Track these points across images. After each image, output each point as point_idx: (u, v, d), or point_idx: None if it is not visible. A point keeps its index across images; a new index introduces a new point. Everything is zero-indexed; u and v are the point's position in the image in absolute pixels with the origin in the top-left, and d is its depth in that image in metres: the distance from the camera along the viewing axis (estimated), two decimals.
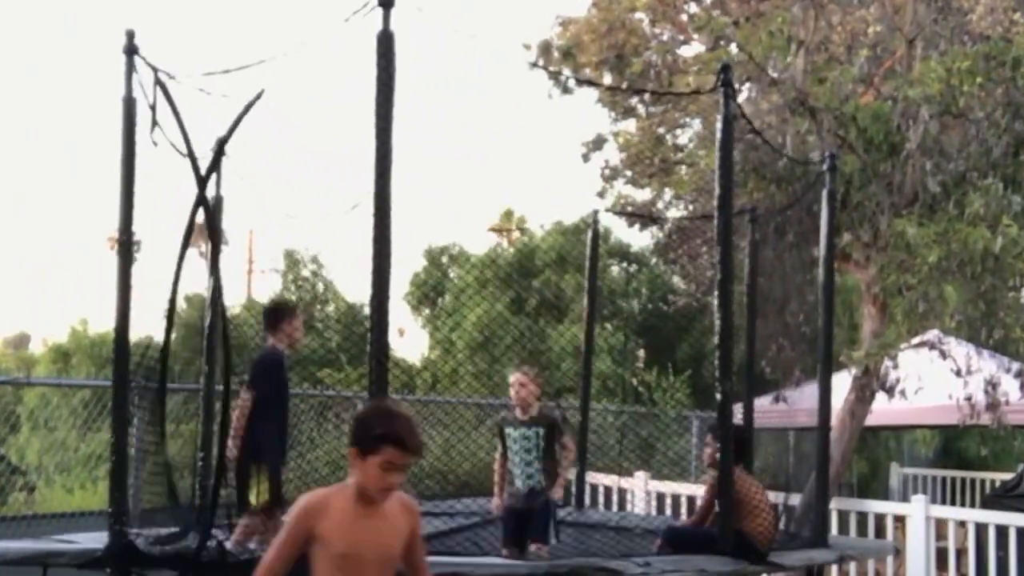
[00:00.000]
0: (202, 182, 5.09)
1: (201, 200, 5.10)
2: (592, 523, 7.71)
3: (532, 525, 5.89)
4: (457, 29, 5.27)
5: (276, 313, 5.78)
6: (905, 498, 12.18)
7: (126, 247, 5.22)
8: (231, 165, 5.71)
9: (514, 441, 6.14)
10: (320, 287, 18.72)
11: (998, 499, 9.96)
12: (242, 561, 4.94)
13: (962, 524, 8.63)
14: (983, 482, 14.54)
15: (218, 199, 6.50)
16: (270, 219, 6.47)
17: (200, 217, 5.26)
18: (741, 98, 9.23)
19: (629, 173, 19.97)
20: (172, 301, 5.17)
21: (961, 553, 8.61)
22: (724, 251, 5.68)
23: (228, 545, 5.26)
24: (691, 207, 16.75)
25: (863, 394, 8.87)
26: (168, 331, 5.24)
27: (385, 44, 4.70)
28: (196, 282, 6.47)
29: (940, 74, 8.20)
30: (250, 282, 26.93)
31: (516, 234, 21.35)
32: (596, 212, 9.51)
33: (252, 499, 5.34)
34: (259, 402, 5.42)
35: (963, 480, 15.01)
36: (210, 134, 5.34)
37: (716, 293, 5.70)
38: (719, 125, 5.75)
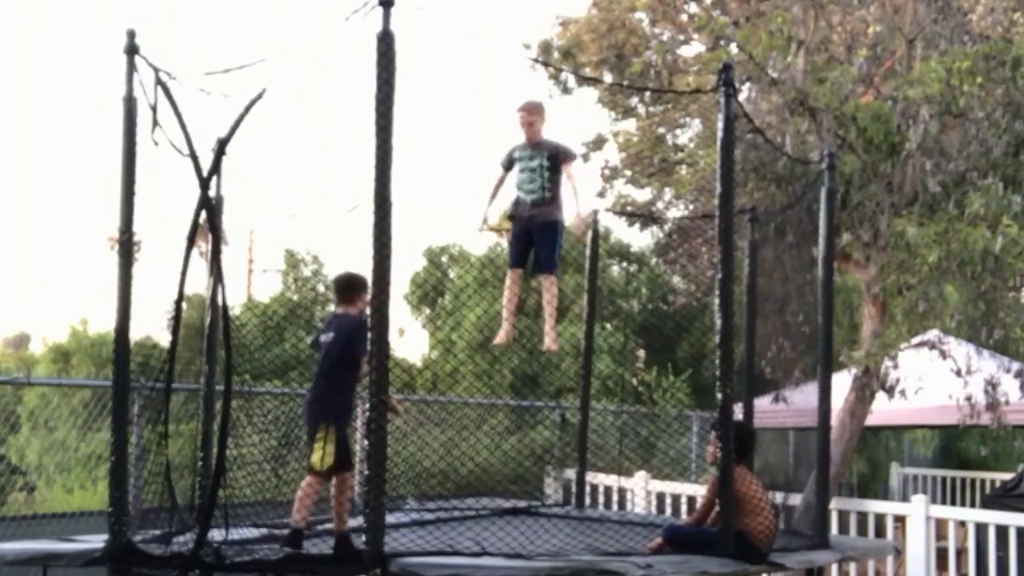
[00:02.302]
0: (204, 182, 5.09)
1: (204, 200, 5.10)
2: (592, 523, 7.72)
3: (539, 248, 6.42)
4: (457, 29, 5.28)
5: (352, 285, 5.92)
6: (905, 498, 12.19)
7: (126, 247, 5.21)
8: (232, 165, 5.70)
9: (520, 161, 6.55)
10: (320, 287, 18.70)
11: (998, 499, 9.96)
12: (242, 561, 4.95)
13: (962, 524, 8.64)
14: (983, 482, 14.54)
15: (219, 199, 6.50)
16: (270, 219, 6.47)
17: (202, 218, 5.26)
18: (741, 98, 9.22)
19: (629, 173, 19.97)
20: (178, 302, 5.18)
21: (961, 553, 8.61)
22: (725, 251, 5.68)
23: (296, 518, 5.36)
24: (691, 207, 16.74)
25: (863, 394, 8.87)
26: (175, 331, 5.24)
27: (385, 44, 4.70)
28: (196, 282, 6.47)
29: (940, 74, 8.20)
30: (250, 282, 26.94)
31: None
32: (596, 212, 9.51)
33: (316, 460, 5.45)
34: (344, 364, 5.56)
35: (963, 480, 15.02)
36: (211, 134, 5.34)
37: (716, 293, 5.70)
38: (720, 125, 5.74)
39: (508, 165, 6.73)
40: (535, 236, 6.62)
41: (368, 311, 5.64)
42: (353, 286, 5.89)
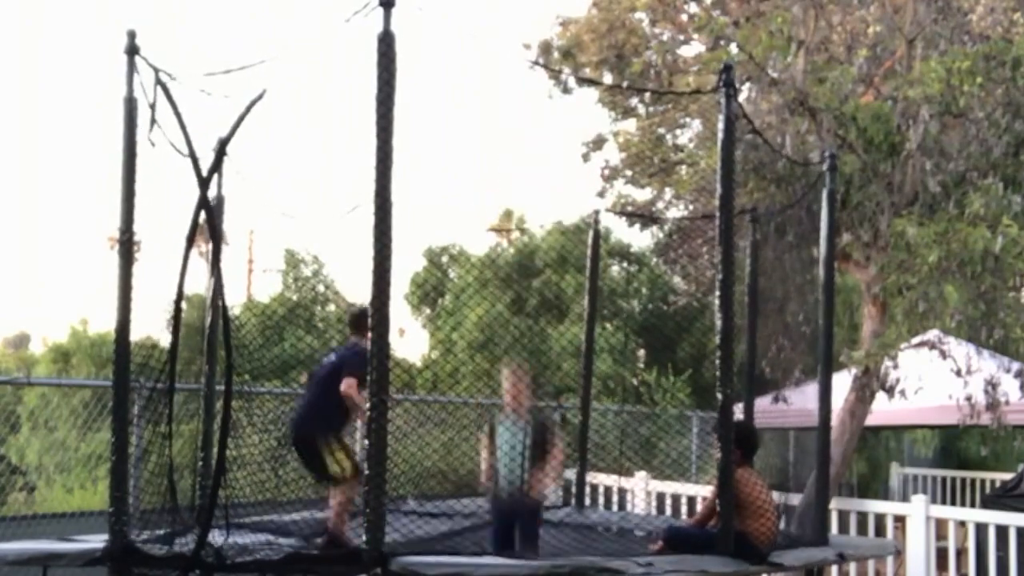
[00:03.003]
0: (204, 182, 5.09)
1: (203, 200, 5.10)
2: (592, 523, 7.72)
3: (521, 536, 5.94)
4: (457, 29, 5.28)
5: (363, 318, 5.97)
6: (905, 498, 12.19)
7: (126, 247, 5.21)
8: (232, 165, 5.71)
9: (501, 436, 6.23)
10: (320, 287, 18.71)
11: (998, 499, 9.96)
12: (242, 562, 4.96)
13: (962, 524, 8.63)
14: (983, 482, 14.54)
15: (219, 199, 6.50)
16: (270, 219, 6.47)
17: (202, 217, 5.26)
18: (741, 98, 9.22)
19: (629, 173, 19.99)
20: (178, 302, 5.18)
21: (961, 553, 8.61)
22: (725, 251, 5.68)
23: (328, 525, 5.56)
24: (691, 207, 16.75)
25: (863, 394, 8.87)
26: (175, 331, 5.25)
27: (385, 44, 4.70)
28: (197, 282, 6.48)
29: (940, 74, 8.21)
30: (250, 282, 26.94)
31: (516, 234, 21.34)
32: (596, 212, 9.51)
33: (336, 471, 5.68)
34: (337, 385, 5.74)
35: (963, 480, 15.01)
36: (211, 134, 5.35)
37: (717, 293, 5.70)
38: (721, 125, 5.74)
39: (491, 431, 6.43)
40: (516, 520, 6.26)
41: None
42: (363, 318, 5.93)
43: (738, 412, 6.73)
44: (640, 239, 20.43)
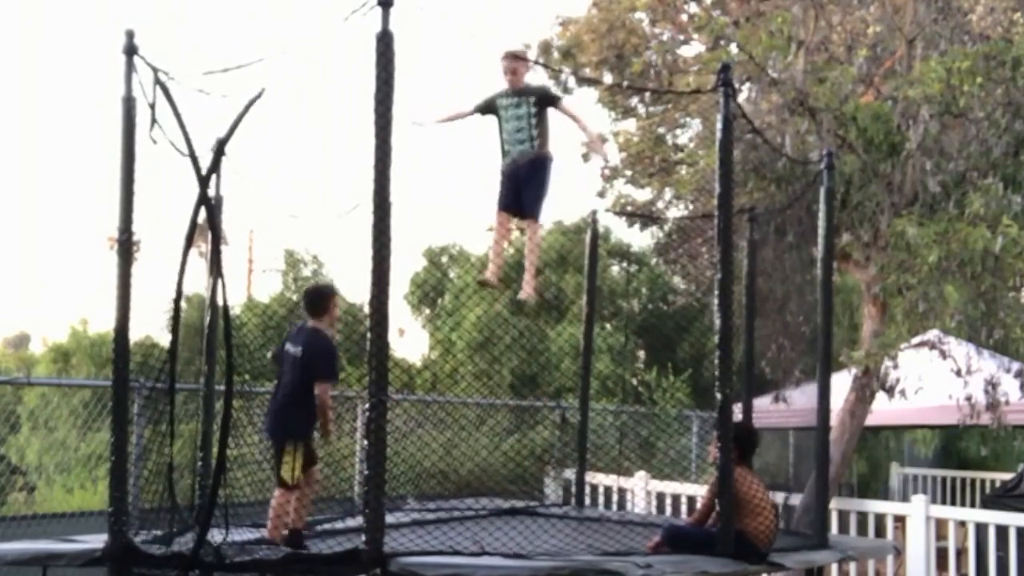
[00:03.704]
0: (203, 182, 5.09)
1: (203, 200, 5.10)
2: (592, 523, 7.71)
3: (526, 193, 6.21)
4: (457, 29, 5.28)
5: (319, 296, 6.15)
6: (905, 498, 12.19)
7: (126, 247, 5.21)
8: (231, 165, 5.71)
9: (505, 110, 6.36)
10: None
11: (998, 499, 9.96)
12: (242, 562, 4.95)
13: (962, 524, 8.63)
14: (983, 482, 14.54)
15: (218, 199, 6.50)
16: (270, 219, 6.48)
17: (201, 217, 5.26)
18: (741, 98, 9.22)
19: (629, 173, 19.97)
20: (177, 301, 5.18)
21: (961, 553, 8.61)
22: (724, 251, 5.68)
23: (265, 532, 5.66)
24: (691, 207, 16.75)
25: (863, 394, 8.87)
26: (175, 331, 5.25)
27: (384, 43, 4.69)
28: (196, 282, 6.48)
29: (940, 74, 8.20)
30: (250, 282, 26.93)
31: (516, 234, 21.32)
32: (596, 212, 9.51)
33: (287, 475, 5.71)
34: (308, 381, 5.77)
35: (963, 480, 15.01)
36: (210, 134, 5.34)
37: (716, 293, 5.70)
38: (719, 125, 5.74)
39: (485, 110, 6.57)
40: (522, 176, 6.46)
41: (337, 320, 5.86)
42: (323, 298, 6.10)
43: (737, 412, 6.73)
44: (640, 239, 20.43)
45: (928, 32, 9.34)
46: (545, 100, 6.51)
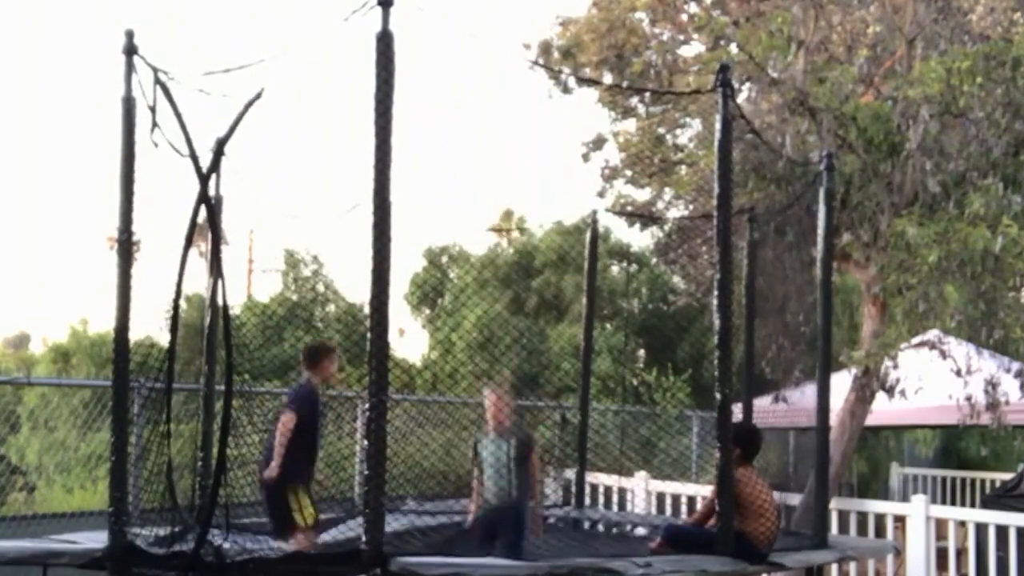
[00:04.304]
0: (203, 181, 5.09)
1: (204, 199, 5.10)
2: (592, 523, 7.71)
3: (501, 543, 5.98)
4: (457, 29, 5.28)
5: (315, 352, 6.37)
6: (905, 498, 12.18)
7: (126, 247, 5.21)
8: (231, 165, 5.71)
9: (486, 450, 6.24)
10: (320, 287, 18.71)
11: (998, 499, 9.95)
12: (242, 561, 4.95)
13: (962, 524, 8.63)
14: (983, 482, 14.54)
15: (218, 199, 6.50)
16: (270, 219, 6.49)
17: (201, 217, 5.26)
18: (741, 98, 9.24)
19: (629, 173, 19.96)
20: (176, 301, 5.18)
21: (961, 553, 8.61)
22: (724, 251, 5.68)
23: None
24: (691, 207, 16.74)
25: (863, 394, 8.87)
26: (174, 330, 5.25)
27: (384, 43, 4.69)
28: (197, 282, 6.49)
29: (940, 74, 8.20)
30: (250, 282, 26.94)
31: (516, 234, 21.35)
32: (596, 212, 9.51)
33: (301, 521, 5.86)
34: (295, 429, 5.92)
35: (963, 480, 15.01)
36: (210, 134, 5.34)
37: (716, 293, 5.70)
38: (718, 125, 5.75)
39: (474, 450, 6.53)
40: (497, 527, 6.30)
41: (332, 377, 5.92)
42: (314, 353, 6.32)
43: (737, 412, 6.73)
44: (640, 239, 20.44)
45: (928, 32, 9.34)
46: (522, 446, 6.42)
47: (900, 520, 8.70)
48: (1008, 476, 11.99)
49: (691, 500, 9.98)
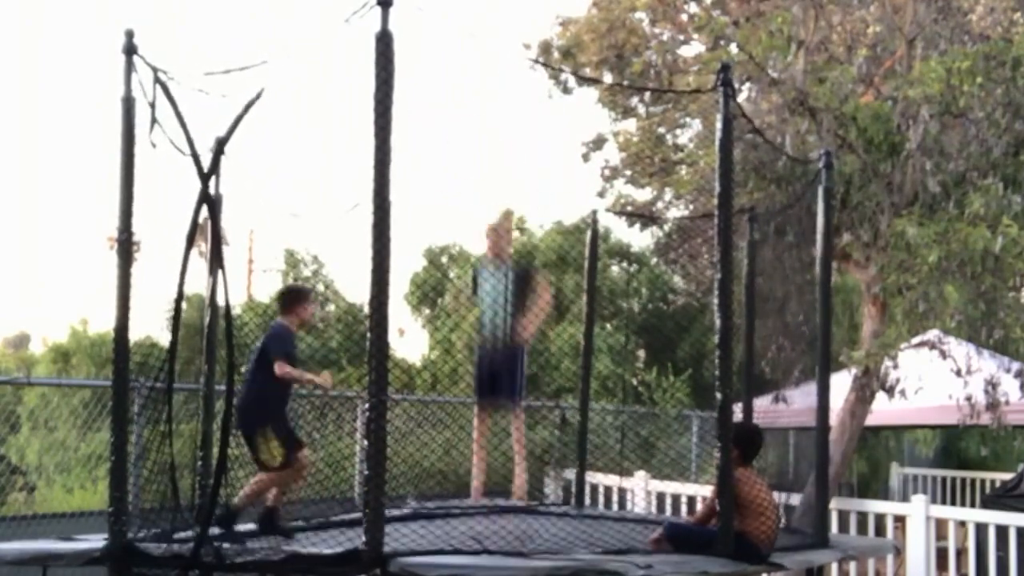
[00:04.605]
0: (204, 181, 5.09)
1: (205, 198, 5.10)
2: (592, 522, 7.70)
3: (506, 380, 6.21)
4: (457, 29, 5.28)
5: (291, 295, 6.38)
6: (905, 498, 12.18)
7: (126, 247, 5.21)
8: (231, 165, 5.71)
9: (483, 286, 6.36)
10: (320, 287, 18.70)
11: (998, 499, 9.96)
12: (242, 562, 4.95)
13: (962, 524, 8.63)
14: (983, 482, 14.55)
15: (218, 199, 6.50)
16: (270, 219, 6.50)
17: (202, 217, 5.26)
18: (741, 98, 9.23)
19: (629, 173, 19.98)
20: (178, 301, 5.18)
21: (961, 553, 8.61)
22: (724, 251, 5.68)
23: (236, 500, 5.73)
24: (691, 207, 16.75)
25: (863, 394, 8.87)
26: (175, 330, 5.25)
27: (384, 44, 4.69)
28: (197, 282, 6.49)
29: (940, 74, 8.20)
30: (250, 282, 26.92)
31: (516, 234, 21.34)
32: (596, 212, 9.50)
33: (266, 460, 5.87)
34: (264, 366, 5.90)
35: (963, 480, 15.02)
36: (210, 134, 5.34)
37: (716, 293, 5.70)
38: (719, 125, 5.74)
39: (474, 280, 6.55)
40: (498, 365, 6.42)
41: (307, 323, 5.94)
42: (290, 295, 6.34)
43: (737, 412, 6.73)
44: (640, 239, 20.41)
45: (928, 32, 9.34)
46: (522, 277, 6.46)
47: (900, 520, 8.70)
48: (1008, 476, 12.00)
49: (691, 500, 9.98)
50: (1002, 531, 8.03)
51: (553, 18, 19.84)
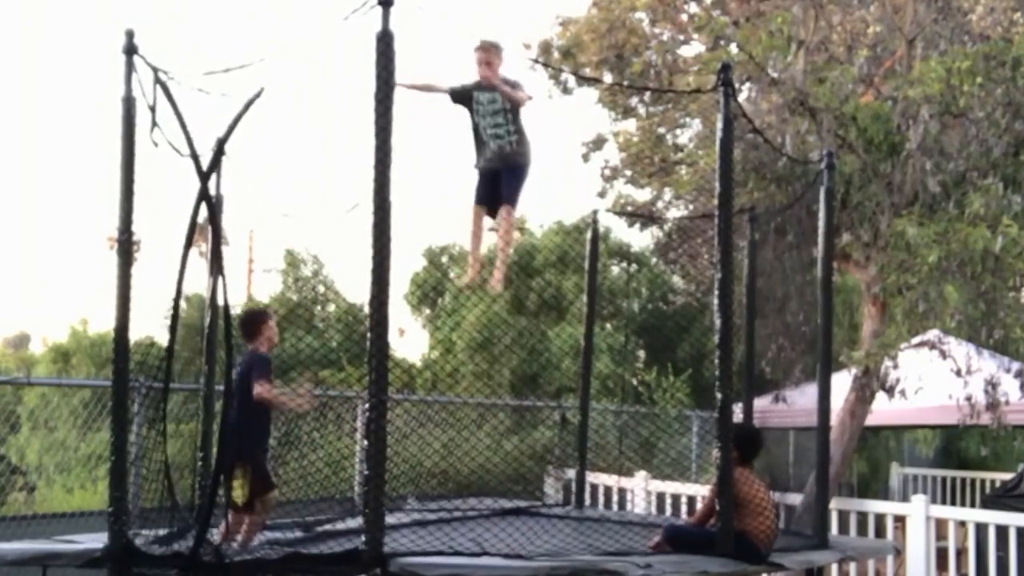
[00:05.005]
0: (204, 181, 5.09)
1: (204, 198, 5.10)
2: (592, 523, 7.71)
3: (504, 184, 6.25)
4: (457, 29, 5.28)
5: (250, 320, 6.13)
6: (905, 498, 12.18)
7: (126, 247, 5.21)
8: (231, 164, 5.71)
9: (481, 105, 6.37)
10: (320, 287, 18.70)
11: (998, 499, 9.95)
12: (242, 561, 4.95)
13: (962, 524, 8.63)
14: (983, 482, 14.54)
15: (218, 199, 6.50)
16: (270, 219, 6.48)
17: (201, 216, 5.26)
18: (741, 98, 9.22)
19: (629, 173, 19.97)
20: (176, 301, 5.18)
21: (961, 553, 8.61)
22: (724, 251, 5.68)
23: (235, 545, 5.49)
24: (691, 207, 16.74)
25: (863, 394, 8.87)
26: (173, 330, 5.25)
27: (384, 43, 4.69)
28: (197, 282, 6.49)
29: (940, 74, 8.20)
30: (250, 282, 26.93)
31: (516, 234, 21.32)
32: (596, 212, 9.50)
33: (237, 497, 5.61)
34: (248, 397, 5.66)
35: (963, 480, 15.01)
36: (210, 134, 5.34)
37: (716, 293, 5.70)
38: (719, 125, 5.74)
39: (459, 98, 6.52)
40: (503, 175, 6.49)
41: (275, 343, 5.90)
42: (252, 321, 6.10)
43: (737, 412, 6.73)
44: (640, 239, 20.42)
45: (928, 32, 9.34)
46: (515, 91, 6.47)
47: (900, 520, 8.70)
48: (1008, 476, 11.99)
49: (691, 500, 9.98)
50: (1002, 531, 8.03)
51: (553, 18, 19.84)
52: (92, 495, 11.51)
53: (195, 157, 5.04)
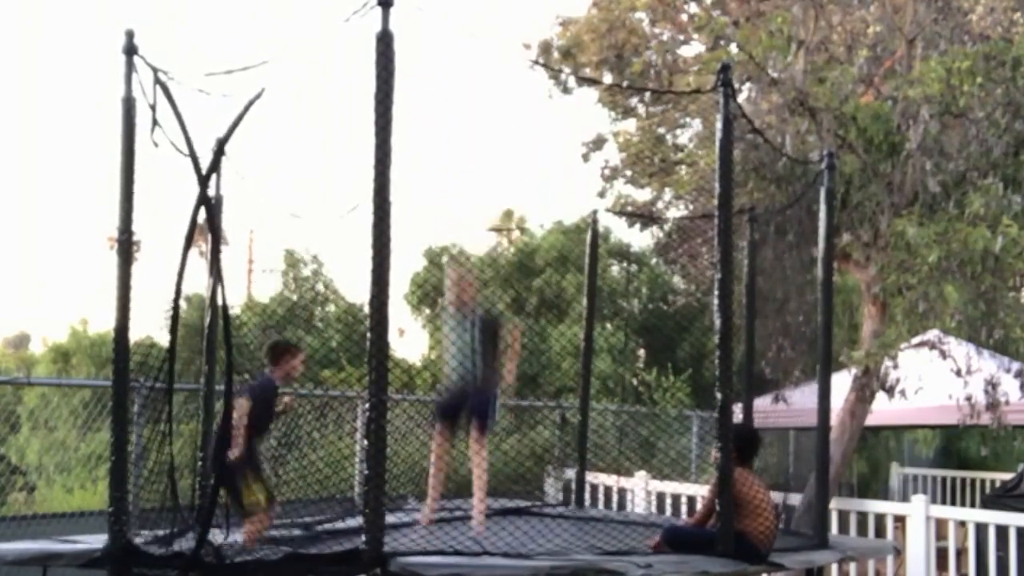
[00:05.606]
0: (203, 181, 5.09)
1: (203, 198, 5.10)
2: (592, 523, 7.71)
3: (473, 412, 6.03)
4: (457, 29, 5.28)
5: (278, 349, 6.33)
6: (905, 498, 12.18)
7: (126, 247, 5.21)
8: (231, 165, 5.71)
9: (448, 335, 6.17)
10: (320, 287, 18.70)
11: (998, 499, 9.95)
12: (242, 562, 4.95)
13: (962, 524, 8.63)
14: (983, 482, 14.54)
15: (218, 199, 6.50)
16: (270, 219, 6.49)
17: (201, 216, 5.25)
18: (741, 98, 9.23)
19: (629, 173, 19.98)
20: (176, 301, 5.18)
21: (961, 553, 8.61)
22: (724, 251, 5.68)
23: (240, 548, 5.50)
24: (691, 207, 16.74)
25: (863, 394, 8.87)
26: (174, 330, 5.25)
27: (384, 44, 4.69)
28: (196, 282, 6.50)
29: (940, 74, 8.20)
30: (250, 282, 26.94)
31: (516, 234, 21.35)
32: (596, 212, 9.50)
33: (255, 502, 5.82)
34: (253, 419, 5.85)
35: (963, 480, 15.01)
36: (210, 134, 5.34)
37: (716, 293, 5.70)
38: (719, 125, 5.74)
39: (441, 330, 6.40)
40: (470, 400, 6.26)
41: (293, 379, 5.91)
42: (277, 350, 6.30)
43: (737, 412, 6.73)
44: (640, 239, 20.44)
45: (928, 32, 9.35)
46: (490, 326, 6.26)
47: (900, 520, 8.70)
48: (1008, 476, 11.99)
49: (691, 500, 9.98)
50: (1002, 531, 8.03)
51: (553, 18, 19.86)
52: (92, 495, 11.51)
53: (195, 158, 5.03)
